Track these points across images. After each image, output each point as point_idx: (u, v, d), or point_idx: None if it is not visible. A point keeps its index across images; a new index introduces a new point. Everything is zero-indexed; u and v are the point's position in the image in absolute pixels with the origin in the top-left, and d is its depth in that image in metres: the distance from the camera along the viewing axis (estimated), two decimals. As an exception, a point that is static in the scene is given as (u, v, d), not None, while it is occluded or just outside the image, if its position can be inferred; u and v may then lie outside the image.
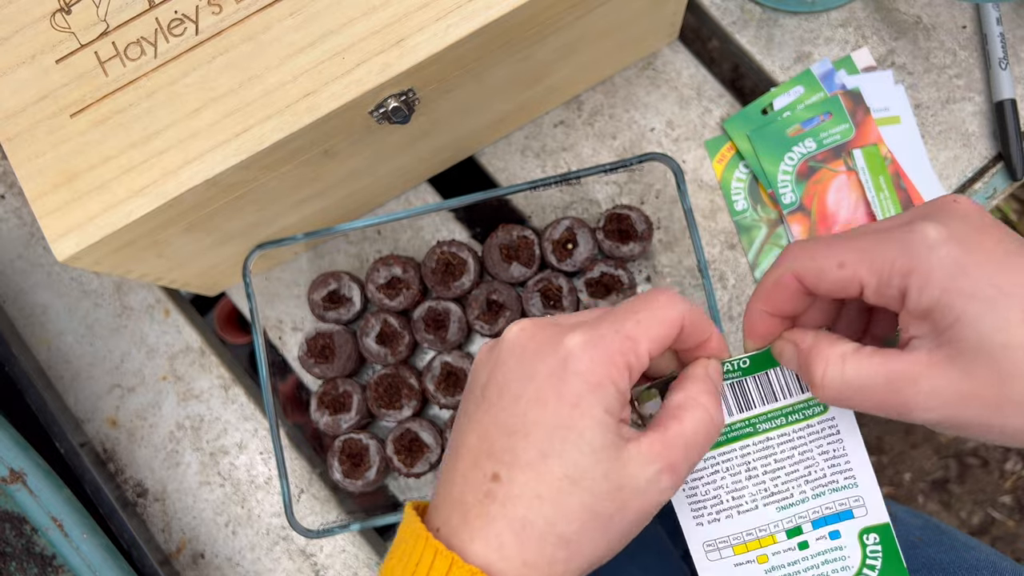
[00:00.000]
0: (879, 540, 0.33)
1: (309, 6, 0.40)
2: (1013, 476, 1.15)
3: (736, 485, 0.34)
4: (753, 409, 0.34)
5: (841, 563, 0.33)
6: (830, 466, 0.33)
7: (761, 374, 0.34)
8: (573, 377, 0.29)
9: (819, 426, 0.34)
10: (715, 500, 0.34)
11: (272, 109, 0.39)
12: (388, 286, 0.54)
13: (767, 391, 0.34)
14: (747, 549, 0.33)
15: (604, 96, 0.58)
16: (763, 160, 0.55)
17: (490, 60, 0.44)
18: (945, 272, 0.27)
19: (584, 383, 0.29)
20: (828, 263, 0.30)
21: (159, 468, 0.57)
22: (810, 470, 0.33)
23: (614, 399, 0.30)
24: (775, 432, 0.33)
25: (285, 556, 0.56)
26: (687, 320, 0.32)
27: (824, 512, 0.33)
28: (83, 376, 0.58)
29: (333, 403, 0.53)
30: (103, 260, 0.42)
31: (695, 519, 0.34)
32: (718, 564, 0.34)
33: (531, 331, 0.31)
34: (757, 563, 0.33)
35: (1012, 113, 0.54)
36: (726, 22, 0.58)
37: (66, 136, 0.40)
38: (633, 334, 0.30)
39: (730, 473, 0.34)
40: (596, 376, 0.29)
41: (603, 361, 0.30)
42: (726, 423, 0.34)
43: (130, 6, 0.41)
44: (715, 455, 0.34)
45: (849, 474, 0.33)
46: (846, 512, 0.33)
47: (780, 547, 0.33)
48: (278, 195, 0.46)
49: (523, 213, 0.58)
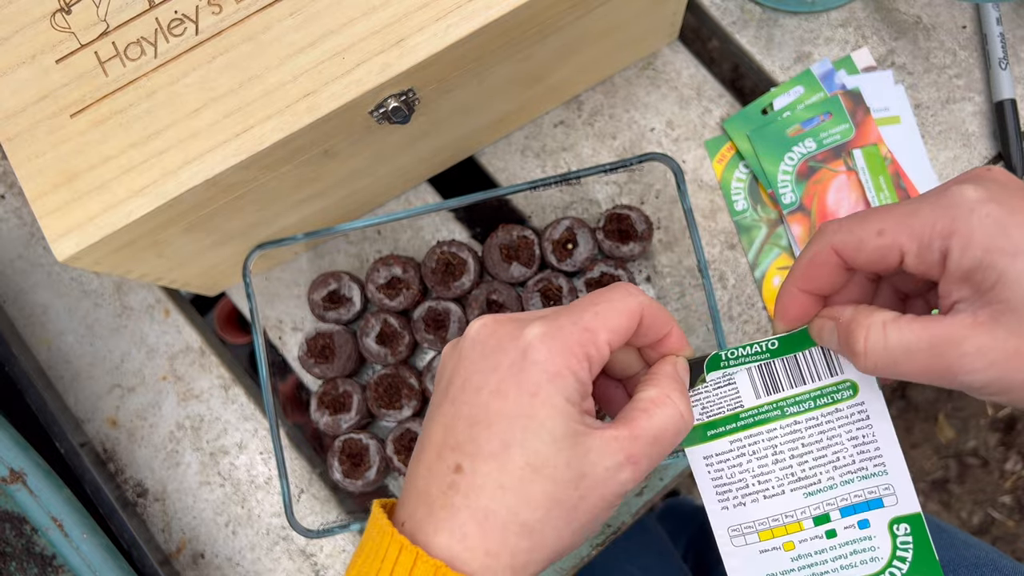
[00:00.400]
0: (910, 531, 0.32)
1: (309, 6, 0.40)
2: (1013, 476, 1.15)
3: (762, 469, 0.33)
4: (781, 392, 0.33)
5: (870, 554, 0.32)
6: (859, 452, 0.33)
7: (790, 356, 0.33)
8: (532, 367, 0.30)
9: (848, 411, 0.33)
10: (741, 484, 0.33)
11: (272, 109, 0.39)
12: (388, 286, 0.54)
13: (795, 374, 0.33)
14: (773, 535, 0.33)
15: (604, 96, 0.58)
16: (763, 160, 0.55)
17: (490, 60, 0.44)
18: (986, 232, 0.27)
19: (543, 372, 0.30)
20: (867, 232, 0.29)
21: (159, 468, 0.57)
22: (838, 455, 0.33)
23: (574, 388, 0.30)
24: (803, 416, 0.33)
25: (285, 556, 0.56)
26: (646, 312, 0.32)
27: (853, 500, 0.33)
28: (83, 376, 0.58)
29: (333, 403, 0.53)
30: (103, 260, 0.42)
31: (720, 503, 0.33)
32: (743, 550, 0.33)
33: (492, 326, 0.32)
34: (783, 550, 0.33)
35: (1012, 113, 0.54)
36: (726, 22, 0.58)
37: (66, 136, 0.40)
38: (592, 325, 0.31)
39: (756, 457, 0.33)
40: (555, 366, 0.30)
41: (562, 351, 0.30)
42: (754, 405, 0.33)
43: (130, 6, 0.41)
44: (742, 437, 0.33)
45: (879, 461, 0.33)
46: (876, 501, 0.32)
47: (807, 535, 0.33)
48: (278, 195, 0.46)
49: (523, 213, 0.58)
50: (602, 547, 0.54)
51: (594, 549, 0.54)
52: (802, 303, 0.33)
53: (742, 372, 0.34)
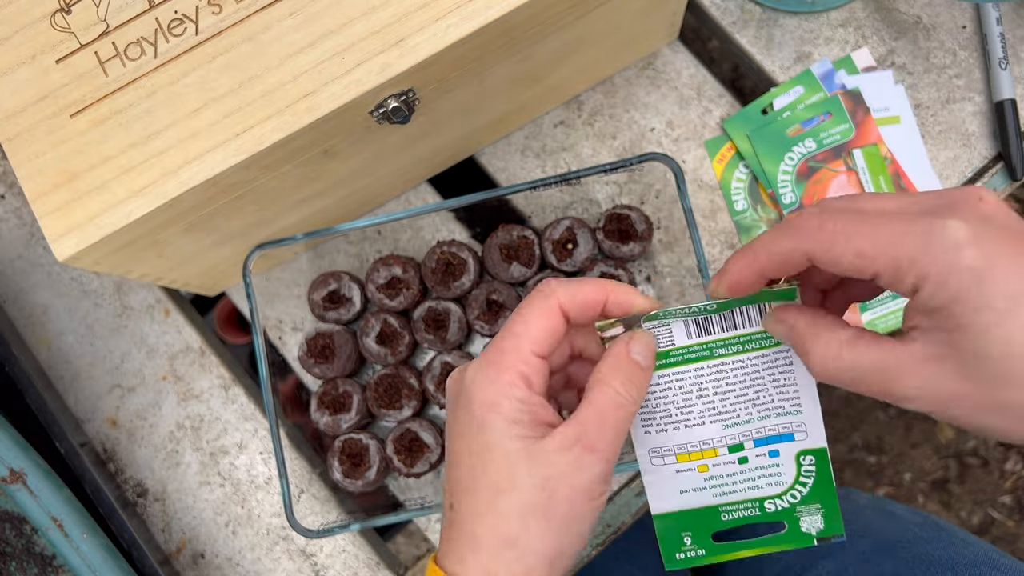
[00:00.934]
0: (814, 462, 0.35)
1: (309, 6, 0.40)
2: (1013, 476, 1.15)
3: (686, 402, 0.35)
4: (712, 335, 0.35)
5: (776, 478, 0.35)
6: (779, 393, 0.35)
7: (726, 312, 0.35)
8: (473, 405, 0.33)
9: (774, 356, 0.35)
10: (664, 413, 0.36)
11: (272, 109, 0.39)
12: (388, 286, 0.54)
13: (728, 321, 0.36)
14: (689, 459, 0.36)
15: (604, 96, 0.58)
16: (763, 160, 0.55)
17: (490, 60, 0.44)
18: (962, 278, 0.27)
19: (482, 407, 0.33)
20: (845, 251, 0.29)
21: (159, 468, 0.57)
22: (759, 395, 0.35)
23: (515, 408, 0.33)
24: (730, 358, 0.35)
25: (285, 556, 0.56)
26: (566, 303, 0.34)
27: (767, 433, 0.35)
28: (83, 376, 0.58)
29: (333, 403, 0.53)
30: (103, 260, 0.42)
31: (643, 428, 0.36)
32: (661, 469, 0.36)
33: (455, 376, 0.35)
34: (698, 472, 0.36)
35: (1012, 113, 0.54)
36: (726, 22, 0.58)
37: (66, 136, 0.40)
38: (512, 344, 0.33)
39: (682, 392, 0.35)
40: (489, 397, 0.33)
41: (493, 381, 0.33)
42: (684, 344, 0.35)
43: (130, 6, 0.41)
44: (669, 373, 0.36)
45: (796, 402, 0.35)
46: (787, 435, 0.35)
47: (720, 459, 0.36)
48: (278, 195, 0.46)
49: (523, 213, 0.58)
50: (602, 547, 0.54)
51: (594, 549, 0.54)
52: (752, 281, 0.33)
53: (678, 322, 0.36)
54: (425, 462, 0.53)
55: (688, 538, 0.36)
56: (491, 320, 0.53)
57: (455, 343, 0.54)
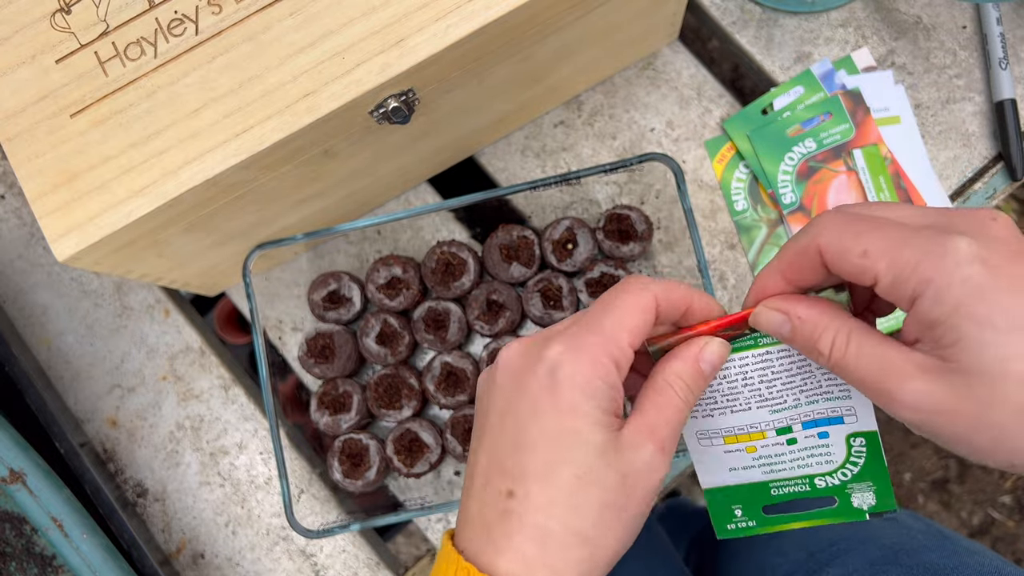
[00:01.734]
0: (865, 444, 0.35)
1: (309, 6, 0.40)
2: (1013, 476, 1.15)
3: (731, 391, 0.35)
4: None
5: (826, 458, 0.35)
6: (827, 379, 0.34)
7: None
8: (563, 384, 0.31)
9: None
10: (710, 400, 0.35)
11: (272, 109, 0.39)
12: (388, 286, 0.54)
13: None
14: (737, 440, 0.36)
15: (604, 96, 0.58)
16: (763, 160, 0.55)
17: (490, 60, 0.44)
18: (963, 292, 0.27)
19: (575, 387, 0.31)
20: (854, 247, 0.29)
21: (159, 468, 0.57)
22: (806, 381, 0.34)
23: (606, 396, 0.31)
24: (775, 347, 0.34)
25: (285, 556, 0.56)
26: (661, 300, 0.33)
27: (815, 416, 0.35)
28: (83, 376, 0.58)
29: (333, 403, 0.53)
30: (103, 260, 0.42)
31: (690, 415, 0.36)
32: (709, 448, 0.36)
33: (519, 350, 0.33)
34: (746, 452, 0.36)
35: (1012, 113, 0.54)
36: (726, 22, 0.58)
37: (66, 136, 0.40)
38: (612, 330, 0.32)
39: (727, 381, 0.35)
40: (585, 378, 0.31)
41: (589, 362, 0.31)
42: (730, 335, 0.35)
43: (130, 6, 0.41)
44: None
45: (844, 387, 0.34)
46: (836, 418, 0.35)
47: (769, 441, 0.35)
48: (278, 195, 0.46)
49: (523, 213, 0.58)
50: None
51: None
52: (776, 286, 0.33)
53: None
54: (425, 462, 0.53)
55: (739, 510, 0.36)
56: (491, 320, 0.53)
57: (455, 343, 0.54)
